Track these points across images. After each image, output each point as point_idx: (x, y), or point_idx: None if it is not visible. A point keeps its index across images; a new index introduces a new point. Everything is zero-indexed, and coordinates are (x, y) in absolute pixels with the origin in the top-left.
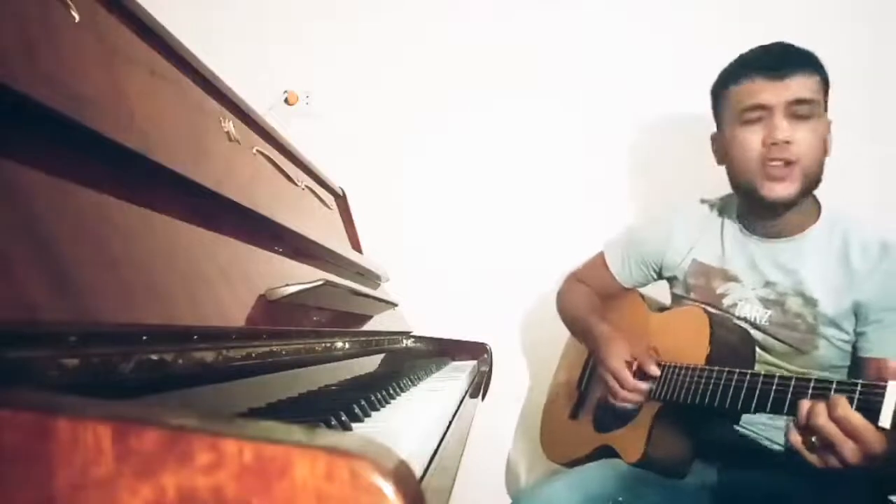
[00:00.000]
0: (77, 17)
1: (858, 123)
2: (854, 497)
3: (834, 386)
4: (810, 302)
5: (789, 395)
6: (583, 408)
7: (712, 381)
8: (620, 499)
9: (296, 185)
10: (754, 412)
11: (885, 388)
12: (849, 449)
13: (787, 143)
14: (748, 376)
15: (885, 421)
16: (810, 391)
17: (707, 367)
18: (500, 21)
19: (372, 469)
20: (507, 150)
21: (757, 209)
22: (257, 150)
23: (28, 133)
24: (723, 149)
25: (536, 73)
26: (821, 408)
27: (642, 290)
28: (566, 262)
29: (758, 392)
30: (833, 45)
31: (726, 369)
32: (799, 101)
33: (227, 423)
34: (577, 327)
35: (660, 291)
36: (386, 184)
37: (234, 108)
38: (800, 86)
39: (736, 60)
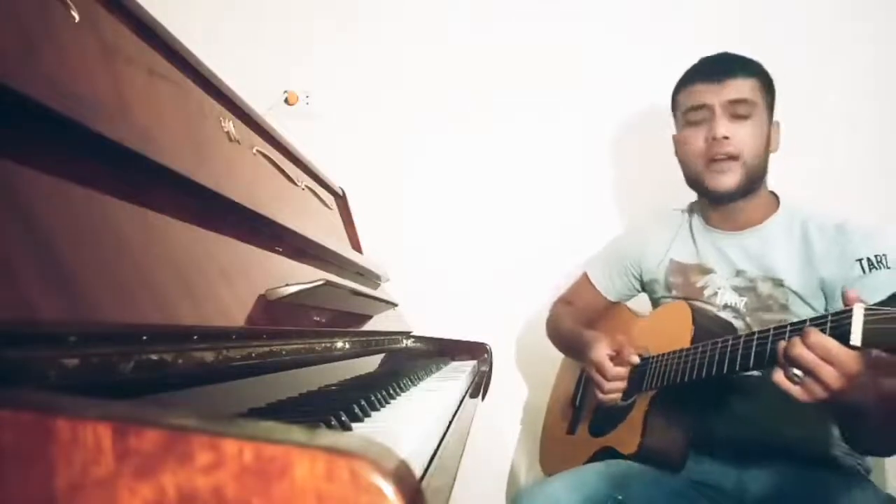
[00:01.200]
0: (77, 17)
1: (866, 129)
2: (854, 495)
3: (808, 322)
4: (778, 283)
5: (769, 344)
6: (579, 421)
7: (698, 355)
8: (620, 497)
9: (296, 185)
10: (741, 371)
11: (851, 311)
12: (827, 372)
13: (727, 138)
14: (730, 340)
15: (855, 339)
16: (788, 334)
17: (691, 347)
18: (499, 21)
19: (372, 469)
20: (507, 151)
21: (709, 201)
22: (257, 150)
23: (28, 133)
24: (678, 148)
25: (537, 73)
26: (795, 340)
27: (629, 304)
28: (566, 262)
29: (740, 351)
30: (835, 47)
31: (709, 341)
32: (737, 101)
33: (227, 423)
34: (567, 343)
35: (647, 306)
36: (386, 184)
37: (234, 108)
38: (737, 87)
39: (689, 68)
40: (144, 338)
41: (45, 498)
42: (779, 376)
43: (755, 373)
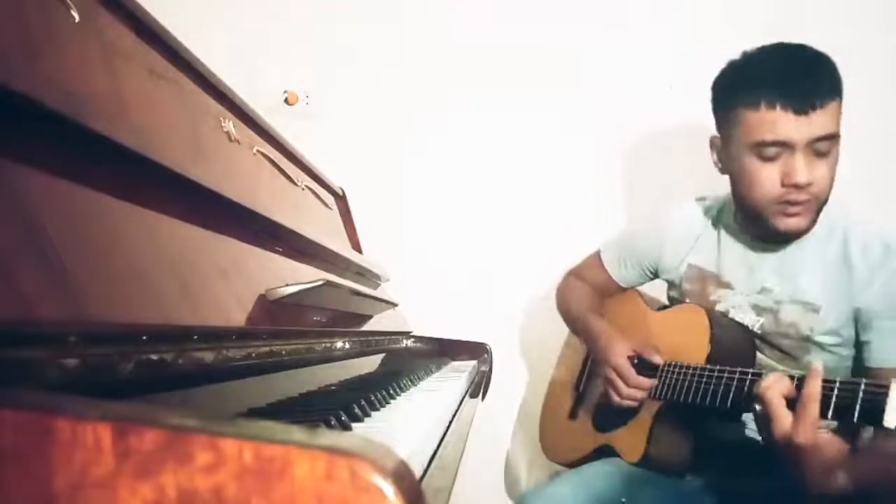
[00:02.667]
0: (77, 17)
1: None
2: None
3: (837, 384)
4: (811, 308)
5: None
6: (582, 407)
7: (713, 380)
8: (624, 500)
9: (296, 185)
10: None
11: (887, 387)
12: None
13: (809, 184)
14: (749, 375)
15: (890, 421)
16: (824, 390)
17: (708, 367)
18: (500, 21)
19: (372, 469)
20: (507, 151)
21: (761, 231)
22: (257, 150)
23: (28, 133)
24: (729, 166)
25: (537, 73)
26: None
27: (641, 288)
28: (566, 262)
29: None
30: (844, 46)
31: (727, 368)
32: (822, 139)
33: (227, 423)
34: (576, 325)
35: (660, 292)
36: (386, 184)
37: (234, 108)
38: (825, 120)
39: (752, 70)
40: (144, 338)
41: (45, 498)
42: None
43: None
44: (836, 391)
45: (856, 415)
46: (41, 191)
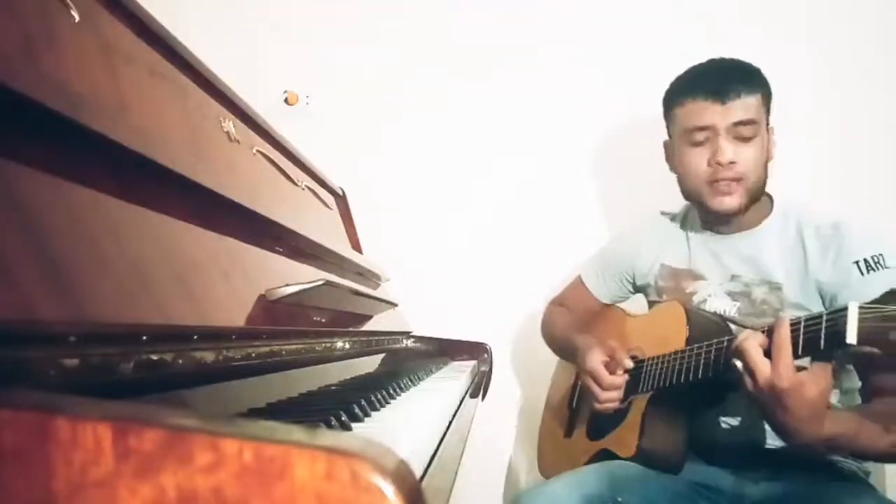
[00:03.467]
0: (77, 17)
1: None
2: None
3: (803, 322)
4: (775, 287)
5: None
6: (576, 424)
7: (693, 356)
8: (620, 499)
9: (296, 185)
10: (734, 370)
11: (846, 309)
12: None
13: (732, 163)
14: (725, 342)
15: (851, 337)
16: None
17: (687, 348)
18: (501, 23)
19: (372, 469)
20: (508, 151)
21: (705, 216)
22: (257, 150)
23: (28, 133)
24: (673, 162)
25: (538, 75)
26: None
27: (623, 305)
28: (566, 262)
29: (729, 351)
30: (836, 48)
31: (704, 343)
32: (742, 123)
33: (227, 423)
34: (561, 346)
35: (642, 307)
36: (386, 184)
37: (234, 108)
38: (742, 108)
39: (682, 78)
40: (144, 338)
41: (45, 498)
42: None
43: None
44: (801, 328)
45: (822, 342)
46: (41, 190)
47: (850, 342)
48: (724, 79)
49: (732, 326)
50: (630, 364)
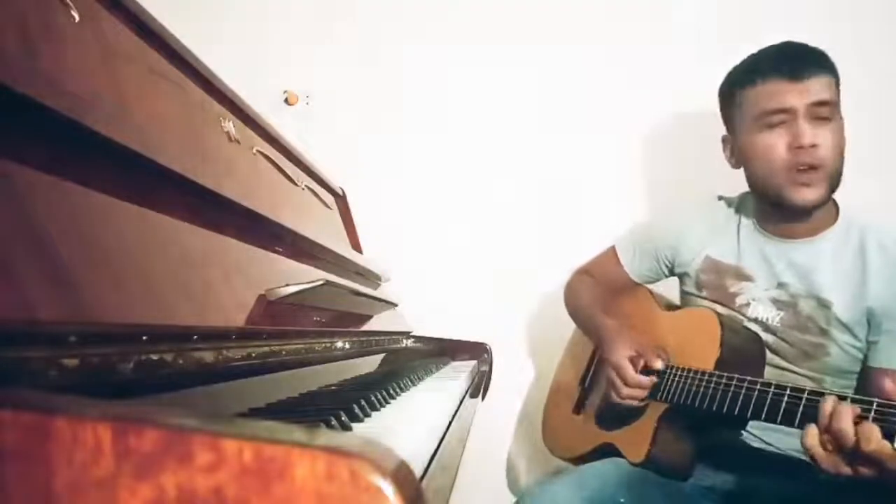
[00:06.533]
0: (77, 17)
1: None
2: None
3: (848, 401)
4: (824, 304)
5: (801, 408)
6: (586, 403)
7: (721, 387)
8: (622, 500)
9: (296, 185)
10: (765, 420)
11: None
12: (864, 470)
13: (814, 146)
14: (758, 385)
15: None
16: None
17: (716, 373)
18: (501, 21)
19: (372, 469)
20: (508, 150)
21: (781, 212)
22: (257, 150)
23: (28, 133)
24: (739, 152)
25: (537, 73)
26: (845, 410)
27: (653, 288)
28: (566, 261)
29: (768, 402)
30: (842, 46)
31: (736, 376)
32: (820, 104)
33: (227, 423)
34: (583, 320)
35: (670, 290)
36: (386, 184)
37: (234, 108)
38: (820, 87)
39: (747, 62)
40: (144, 338)
41: (45, 498)
42: (811, 440)
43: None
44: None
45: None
46: (41, 190)
47: None
48: (798, 59)
49: (766, 338)
50: (661, 365)
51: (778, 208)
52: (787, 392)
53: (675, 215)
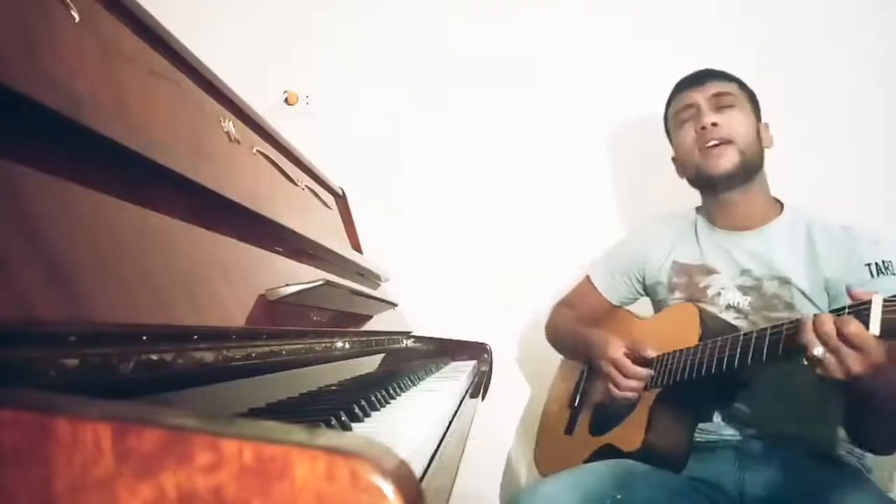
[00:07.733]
0: (77, 17)
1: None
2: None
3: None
4: (785, 281)
5: (783, 335)
6: (577, 422)
7: (707, 351)
8: (619, 496)
9: (296, 185)
10: (753, 366)
11: (869, 302)
12: (851, 355)
13: (715, 124)
14: (741, 336)
15: (874, 328)
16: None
17: (701, 343)
18: (500, 22)
19: (372, 469)
20: (508, 151)
21: (716, 198)
22: (257, 150)
23: (28, 133)
24: (676, 159)
25: (537, 73)
26: (825, 315)
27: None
28: (566, 261)
29: (753, 344)
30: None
31: (719, 338)
32: (720, 94)
33: (227, 423)
34: (567, 341)
35: (648, 310)
36: (386, 184)
37: (234, 108)
38: (719, 85)
39: (674, 87)
40: (144, 338)
41: (45, 498)
42: (813, 350)
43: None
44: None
45: None
46: (41, 190)
47: (873, 333)
48: (702, 73)
49: (741, 325)
50: (653, 353)
51: (712, 194)
52: (769, 330)
53: (637, 232)
